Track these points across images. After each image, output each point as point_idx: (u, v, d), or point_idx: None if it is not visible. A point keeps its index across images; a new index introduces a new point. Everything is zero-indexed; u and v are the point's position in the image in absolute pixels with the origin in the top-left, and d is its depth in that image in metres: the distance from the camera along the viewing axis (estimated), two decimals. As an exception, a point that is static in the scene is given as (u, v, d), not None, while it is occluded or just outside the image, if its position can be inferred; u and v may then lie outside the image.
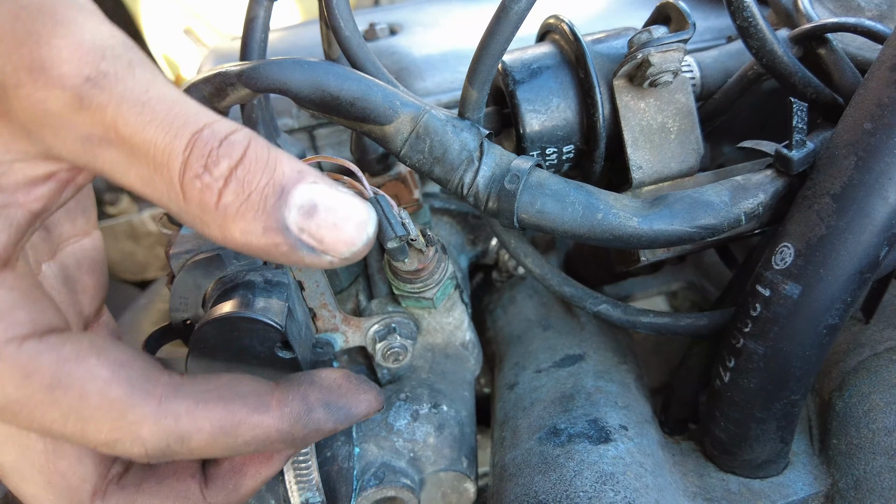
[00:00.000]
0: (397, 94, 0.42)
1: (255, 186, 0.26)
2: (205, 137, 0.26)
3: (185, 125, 0.26)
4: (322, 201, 0.27)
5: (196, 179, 0.25)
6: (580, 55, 0.46)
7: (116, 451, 0.30)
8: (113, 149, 0.26)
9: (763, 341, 0.41)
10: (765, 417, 0.43)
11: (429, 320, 0.56)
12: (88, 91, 0.25)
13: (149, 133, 0.25)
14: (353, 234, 0.27)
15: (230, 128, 0.27)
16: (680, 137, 0.48)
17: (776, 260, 0.41)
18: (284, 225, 0.26)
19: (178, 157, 0.25)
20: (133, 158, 0.26)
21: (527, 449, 0.45)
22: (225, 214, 0.26)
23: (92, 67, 0.25)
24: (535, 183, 0.41)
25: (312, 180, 0.27)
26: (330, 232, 0.27)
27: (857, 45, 0.50)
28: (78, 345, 0.29)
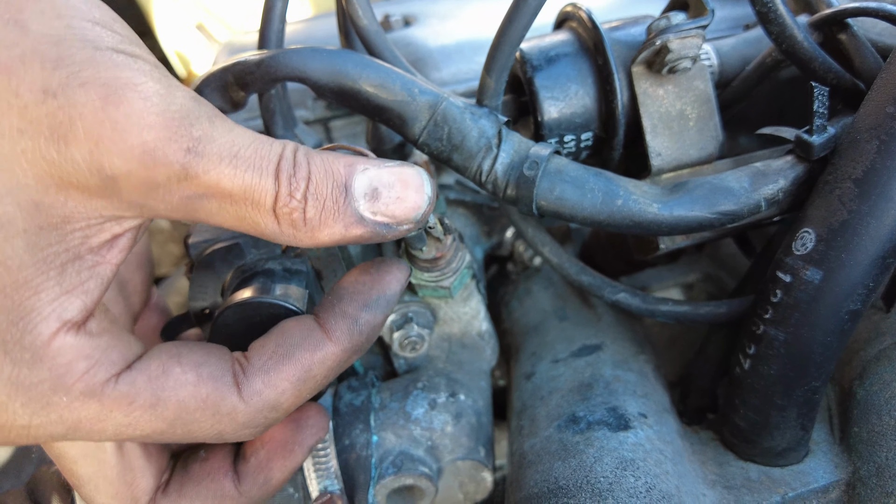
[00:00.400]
0: (416, 81, 0.42)
1: (327, 194, 0.30)
2: (284, 169, 0.29)
3: (268, 162, 0.29)
4: (380, 182, 0.31)
5: (285, 207, 0.29)
6: (598, 42, 0.46)
7: (226, 440, 0.33)
8: (212, 200, 0.28)
9: (784, 327, 0.41)
10: (785, 405, 0.43)
11: (445, 310, 0.56)
12: (191, 161, 0.27)
13: (244, 180, 0.28)
14: (417, 199, 0.31)
15: (291, 149, 0.30)
16: (699, 124, 0.48)
17: (797, 245, 0.41)
18: (359, 216, 0.30)
19: (269, 193, 0.29)
20: (229, 203, 0.28)
21: (546, 436, 0.45)
22: (312, 227, 0.30)
23: (188, 138, 0.27)
24: (554, 169, 0.41)
25: (363, 167, 0.31)
26: (397, 205, 0.31)
27: (877, 30, 0.50)
28: (159, 360, 0.32)
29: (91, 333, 0.29)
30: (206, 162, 0.27)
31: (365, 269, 0.38)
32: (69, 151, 0.26)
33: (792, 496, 0.44)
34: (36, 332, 0.27)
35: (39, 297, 0.27)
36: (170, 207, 0.28)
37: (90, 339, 0.29)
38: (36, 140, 0.25)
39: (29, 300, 0.27)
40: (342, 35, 0.54)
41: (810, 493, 0.44)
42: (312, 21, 0.74)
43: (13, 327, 0.26)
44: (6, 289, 0.26)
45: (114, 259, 0.30)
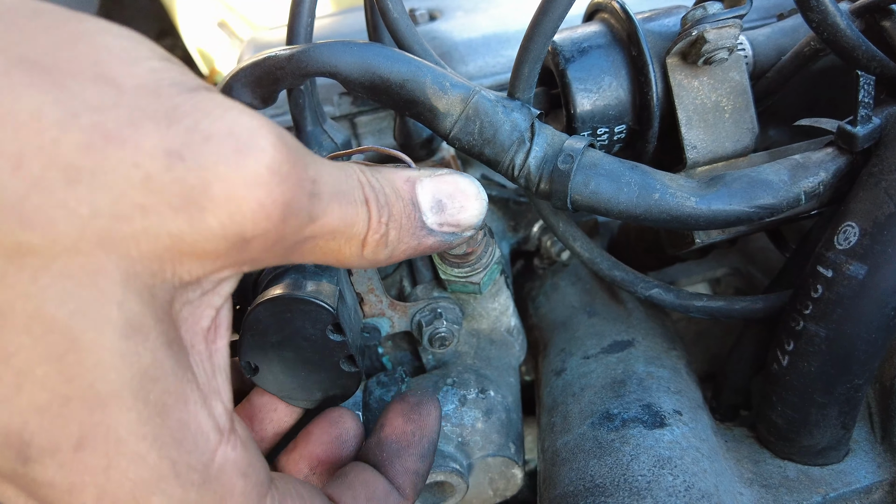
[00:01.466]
0: (447, 75, 0.42)
1: (400, 214, 0.30)
2: (370, 196, 0.29)
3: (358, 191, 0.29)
4: (442, 194, 0.32)
5: (376, 234, 0.29)
6: (632, 33, 0.45)
7: None
8: (315, 241, 0.27)
9: (825, 323, 0.40)
10: (826, 402, 0.42)
11: (474, 305, 0.55)
12: (313, 206, 0.26)
13: (346, 215, 0.28)
14: (478, 206, 0.33)
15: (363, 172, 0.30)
16: (734, 116, 0.47)
17: (839, 240, 0.40)
18: (430, 230, 0.32)
19: (364, 222, 0.29)
20: (328, 240, 0.28)
21: (579, 434, 0.45)
22: (392, 248, 0.30)
23: (308, 181, 0.25)
24: (589, 163, 0.40)
25: (419, 178, 0.32)
26: (462, 214, 0.32)
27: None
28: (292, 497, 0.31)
29: (243, 443, 0.27)
30: (323, 204, 0.26)
31: (405, 414, 0.38)
32: (204, 220, 0.22)
33: (833, 496, 0.43)
34: (201, 451, 0.24)
35: (190, 408, 0.24)
36: (275, 257, 0.26)
37: (245, 451, 0.27)
38: (162, 215, 0.22)
39: (185, 413, 0.24)
40: (370, 29, 0.54)
41: (852, 493, 0.43)
42: (337, 17, 0.74)
43: (179, 447, 0.24)
44: (165, 406, 0.23)
45: (223, 340, 0.28)
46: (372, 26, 0.54)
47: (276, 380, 0.46)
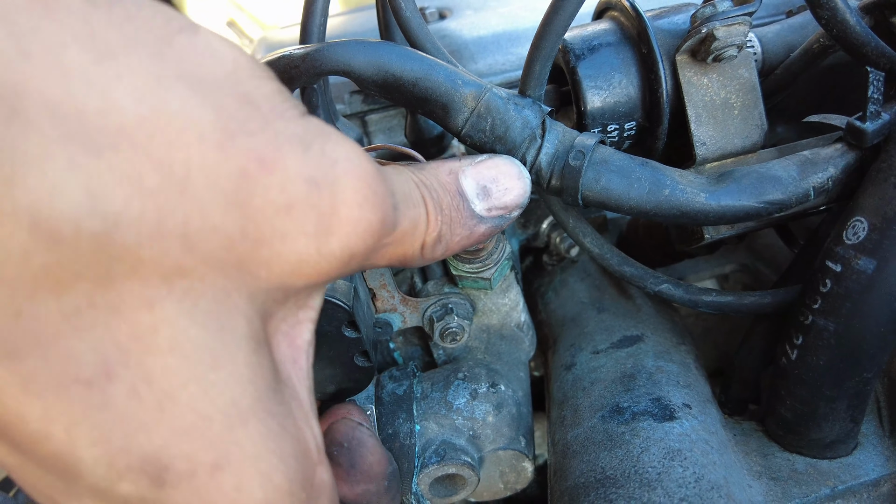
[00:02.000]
0: (458, 73, 0.42)
1: (449, 208, 0.30)
2: (427, 196, 0.29)
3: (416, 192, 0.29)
4: (485, 179, 0.32)
5: (434, 232, 0.29)
6: (642, 31, 0.46)
7: None
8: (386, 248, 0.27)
9: (834, 318, 0.40)
10: (835, 396, 0.42)
11: (485, 301, 0.56)
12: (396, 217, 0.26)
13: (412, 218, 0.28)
14: (522, 186, 0.33)
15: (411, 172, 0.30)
16: (743, 113, 0.47)
17: (848, 235, 0.40)
18: (479, 217, 0.32)
19: (424, 223, 0.29)
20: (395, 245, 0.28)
21: (590, 427, 0.45)
22: (446, 242, 0.30)
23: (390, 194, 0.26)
24: (600, 159, 0.41)
25: (461, 168, 0.32)
26: (508, 196, 0.33)
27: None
28: None
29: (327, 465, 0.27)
30: (400, 213, 0.26)
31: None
32: (329, 243, 0.23)
33: (842, 489, 0.43)
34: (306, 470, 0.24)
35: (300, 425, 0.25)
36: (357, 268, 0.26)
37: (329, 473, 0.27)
38: (296, 240, 0.22)
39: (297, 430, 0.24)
40: (382, 27, 0.55)
41: (861, 486, 0.43)
42: (347, 16, 0.74)
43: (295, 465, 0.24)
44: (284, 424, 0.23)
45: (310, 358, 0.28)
46: (384, 25, 0.54)
47: (291, 373, 0.47)
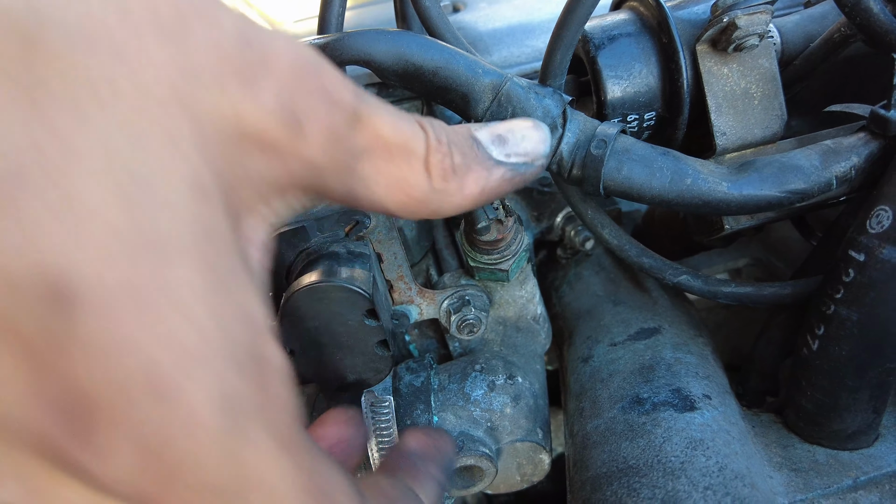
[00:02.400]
0: (479, 62, 0.42)
1: (461, 142, 0.29)
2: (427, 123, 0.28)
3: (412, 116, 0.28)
4: (499, 130, 0.31)
5: (437, 153, 0.28)
6: (663, 20, 0.46)
7: None
8: (372, 159, 0.27)
9: (857, 307, 0.40)
10: (857, 386, 0.42)
11: (501, 293, 0.56)
12: (360, 104, 0.26)
13: (401, 127, 0.27)
14: (540, 133, 0.32)
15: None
16: (763, 103, 0.47)
17: (872, 224, 0.40)
18: (497, 160, 0.30)
19: (422, 139, 0.28)
20: (387, 160, 0.27)
21: (610, 417, 0.45)
22: (461, 175, 0.29)
23: (352, 85, 0.26)
24: (622, 148, 0.41)
25: (472, 126, 0.31)
26: (527, 143, 0.31)
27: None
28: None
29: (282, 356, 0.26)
30: (371, 107, 0.26)
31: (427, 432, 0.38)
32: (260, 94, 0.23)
33: (864, 480, 0.43)
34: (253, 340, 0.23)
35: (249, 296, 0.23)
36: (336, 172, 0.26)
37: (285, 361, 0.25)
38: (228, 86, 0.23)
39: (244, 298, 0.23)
40: (399, 17, 0.55)
41: (883, 477, 0.43)
42: (363, 8, 0.74)
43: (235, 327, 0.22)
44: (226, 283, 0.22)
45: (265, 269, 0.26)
46: (401, 15, 0.54)
47: (311, 364, 0.47)
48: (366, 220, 0.49)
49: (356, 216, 0.49)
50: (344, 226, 0.49)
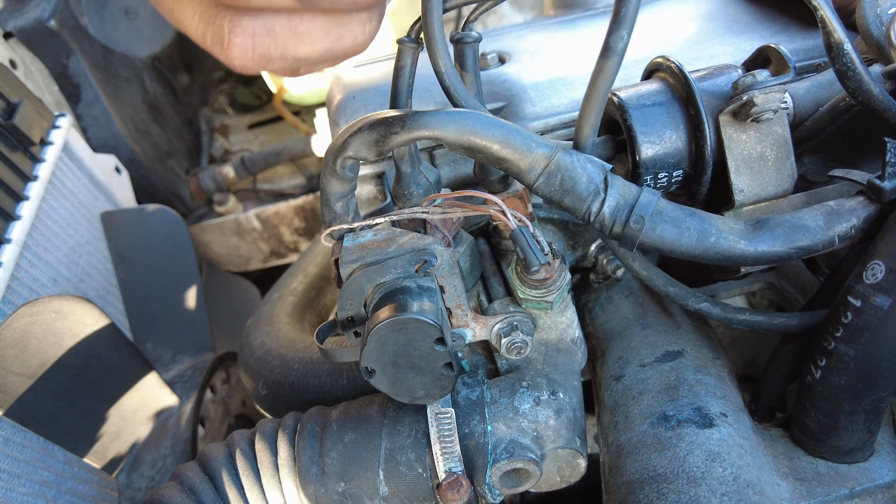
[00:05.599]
0: (533, 136, 0.50)
1: None
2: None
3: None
4: None
5: None
6: (690, 94, 0.53)
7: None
8: None
9: (854, 345, 0.48)
10: (854, 411, 0.50)
11: (545, 319, 0.64)
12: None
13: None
14: None
15: None
16: (777, 164, 0.54)
17: (867, 275, 0.48)
18: None
19: None
20: None
21: (641, 431, 0.54)
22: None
23: None
24: (655, 211, 0.49)
25: None
26: None
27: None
28: None
29: None
30: None
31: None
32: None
33: (859, 490, 0.51)
34: None
35: None
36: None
37: None
38: None
39: None
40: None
41: (876, 488, 0.51)
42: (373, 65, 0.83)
43: None
44: None
45: None
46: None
47: (388, 381, 0.56)
48: (433, 259, 0.58)
49: (425, 256, 0.58)
50: (415, 264, 0.58)
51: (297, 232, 1.63)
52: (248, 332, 0.86)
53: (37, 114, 1.12)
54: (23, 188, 1.07)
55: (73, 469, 1.03)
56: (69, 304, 0.84)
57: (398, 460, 0.59)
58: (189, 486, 0.60)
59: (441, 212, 0.58)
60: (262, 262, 1.67)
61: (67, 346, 0.84)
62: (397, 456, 0.59)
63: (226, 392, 1.12)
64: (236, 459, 0.62)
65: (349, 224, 0.58)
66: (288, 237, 1.64)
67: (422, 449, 0.59)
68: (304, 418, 0.64)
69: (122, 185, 1.39)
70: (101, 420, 0.92)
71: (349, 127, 0.54)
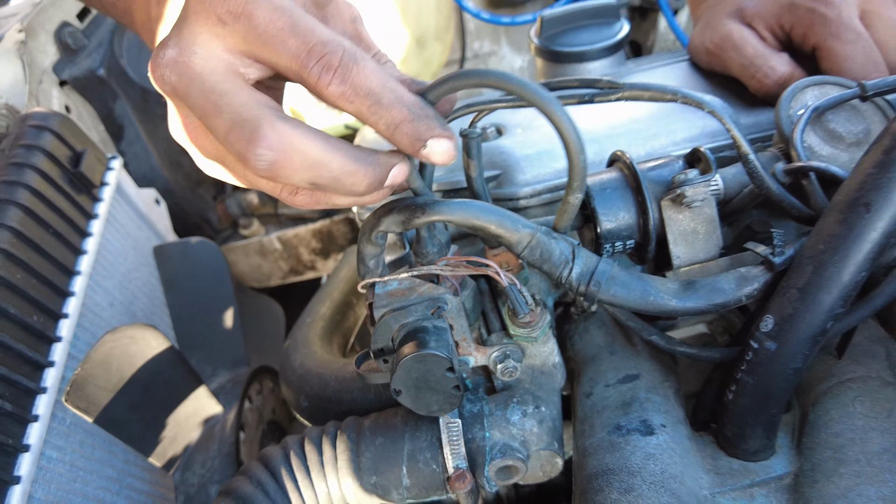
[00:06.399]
0: (520, 219, 0.68)
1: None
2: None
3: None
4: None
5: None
6: (639, 184, 0.71)
7: None
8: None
9: (753, 376, 0.66)
10: (755, 424, 0.68)
11: (531, 349, 0.82)
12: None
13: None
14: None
15: None
16: (706, 237, 0.72)
17: (762, 325, 0.65)
18: None
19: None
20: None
21: (600, 437, 0.71)
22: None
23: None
24: (610, 276, 0.67)
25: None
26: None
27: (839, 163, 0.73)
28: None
29: None
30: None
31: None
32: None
33: (758, 480, 0.68)
34: None
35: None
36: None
37: None
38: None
39: None
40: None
41: (771, 479, 0.69)
42: None
43: None
44: None
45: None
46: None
47: (411, 399, 0.73)
48: (444, 306, 0.76)
49: (439, 303, 0.75)
50: (431, 308, 0.76)
51: (314, 252, 1.80)
52: (287, 353, 1.04)
53: (96, 159, 1.30)
54: (86, 226, 1.24)
55: (132, 468, 1.21)
56: (140, 331, 1.01)
57: (417, 459, 0.77)
58: (256, 479, 0.77)
59: (451, 270, 0.76)
60: (282, 279, 1.85)
61: (138, 365, 1.02)
62: (417, 455, 0.77)
63: (259, 401, 1.30)
64: (291, 459, 0.79)
65: (380, 278, 0.76)
66: (306, 257, 1.81)
67: (436, 450, 0.77)
68: (343, 426, 0.82)
69: (161, 216, 1.56)
70: (162, 426, 1.10)
71: (382, 207, 0.72)
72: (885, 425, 0.66)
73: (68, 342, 1.06)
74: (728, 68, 0.94)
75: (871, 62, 0.80)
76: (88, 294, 1.20)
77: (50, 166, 1.16)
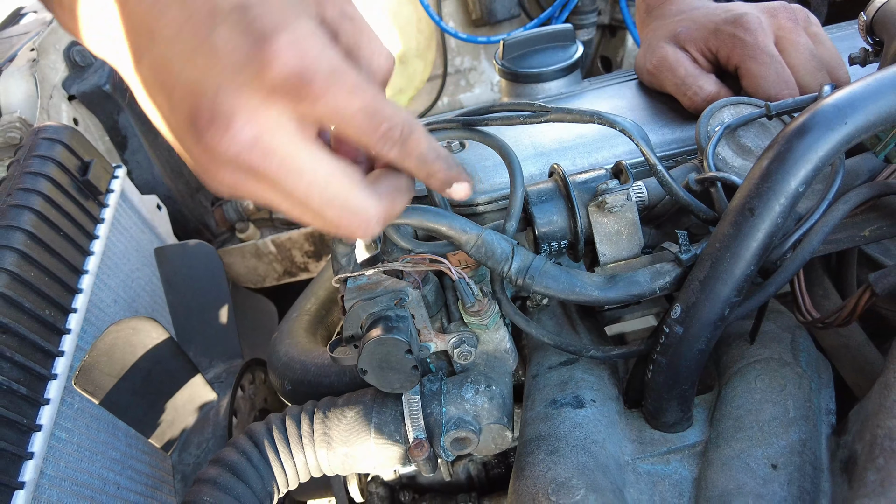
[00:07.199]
0: (468, 222, 0.79)
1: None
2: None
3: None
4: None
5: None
6: (569, 193, 0.83)
7: None
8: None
9: (665, 357, 0.77)
10: (669, 398, 0.79)
11: (484, 335, 0.93)
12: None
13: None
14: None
15: None
16: (628, 237, 0.83)
17: (672, 312, 0.76)
18: None
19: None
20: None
21: (538, 410, 0.82)
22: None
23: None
24: (542, 271, 0.78)
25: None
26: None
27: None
28: None
29: None
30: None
31: None
32: None
33: (673, 448, 0.79)
34: None
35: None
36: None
37: None
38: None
39: None
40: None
41: (685, 446, 0.80)
42: None
43: None
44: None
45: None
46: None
47: (376, 378, 0.84)
48: (406, 297, 0.87)
49: (401, 294, 0.86)
50: (394, 300, 0.87)
51: (307, 254, 1.92)
52: (274, 343, 1.15)
53: (103, 168, 1.42)
54: (94, 229, 1.36)
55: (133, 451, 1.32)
56: (142, 323, 1.13)
57: (383, 431, 0.88)
58: (242, 449, 0.89)
59: (412, 266, 0.87)
60: (276, 280, 1.96)
61: (140, 354, 1.13)
62: (382, 428, 0.88)
63: (252, 391, 1.41)
64: (273, 433, 0.91)
65: (351, 273, 0.87)
66: (299, 259, 1.93)
67: (399, 423, 0.88)
68: (319, 404, 0.93)
69: (162, 220, 1.68)
70: (161, 410, 1.21)
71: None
72: (777, 398, 0.77)
73: (76, 334, 1.18)
74: (665, 87, 1.05)
75: (782, 81, 0.91)
76: (95, 291, 1.32)
77: (61, 175, 1.28)
